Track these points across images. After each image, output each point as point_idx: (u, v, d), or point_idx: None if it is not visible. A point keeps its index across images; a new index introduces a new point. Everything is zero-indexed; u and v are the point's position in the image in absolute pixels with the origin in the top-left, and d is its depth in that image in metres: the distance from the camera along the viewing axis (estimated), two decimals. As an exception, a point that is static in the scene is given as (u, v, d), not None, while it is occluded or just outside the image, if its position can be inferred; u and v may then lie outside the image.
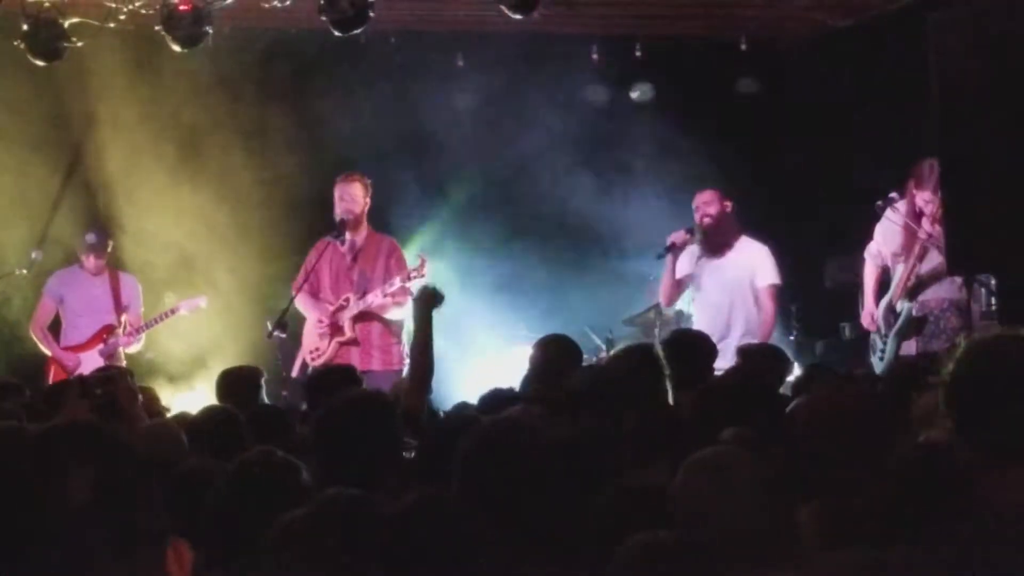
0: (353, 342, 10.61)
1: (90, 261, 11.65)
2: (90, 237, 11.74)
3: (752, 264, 10.97)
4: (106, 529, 2.05)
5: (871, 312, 10.45)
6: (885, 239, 10.41)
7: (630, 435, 5.31)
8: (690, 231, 10.94)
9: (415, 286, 10.16)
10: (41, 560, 2.02)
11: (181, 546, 2.17)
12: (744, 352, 8.22)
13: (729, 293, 10.91)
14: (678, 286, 11.13)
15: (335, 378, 7.74)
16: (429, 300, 7.36)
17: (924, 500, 3.72)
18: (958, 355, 3.76)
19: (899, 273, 10.22)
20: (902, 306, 10.13)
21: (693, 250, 11.03)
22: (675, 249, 10.94)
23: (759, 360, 7.58)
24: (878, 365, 10.17)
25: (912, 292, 10.08)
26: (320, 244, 10.86)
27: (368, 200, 10.76)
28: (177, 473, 4.84)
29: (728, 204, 11.03)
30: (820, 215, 13.22)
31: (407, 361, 9.79)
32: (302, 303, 10.75)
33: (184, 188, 12.39)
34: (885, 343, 10.21)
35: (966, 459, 3.70)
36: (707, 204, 10.99)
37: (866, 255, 10.64)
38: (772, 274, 11.00)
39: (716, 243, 10.97)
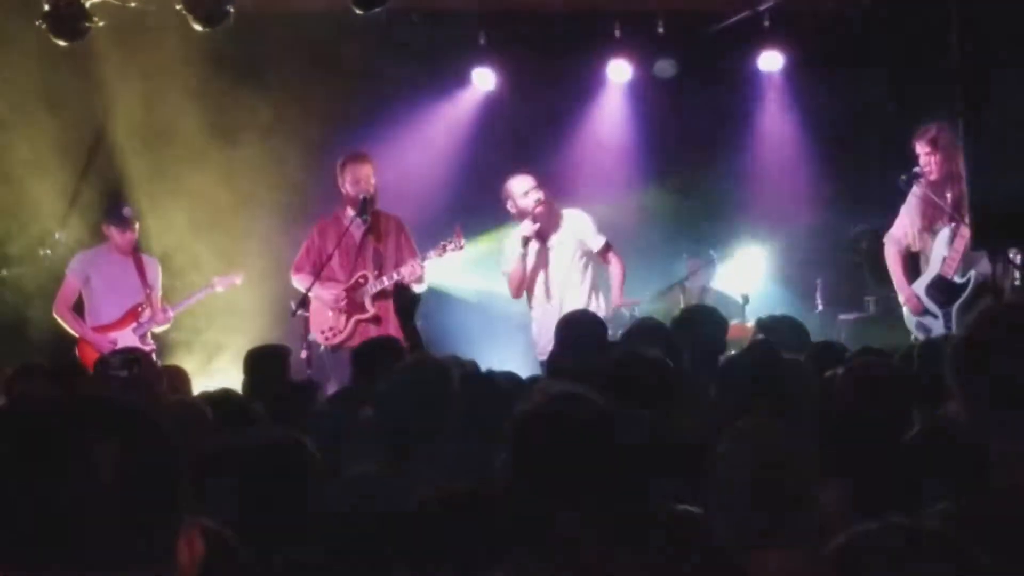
0: (375, 320, 10.61)
1: (124, 236, 11.54)
2: (127, 210, 11.72)
3: (579, 235, 10.76)
4: (125, 507, 2.03)
5: (910, 295, 10.29)
6: (910, 215, 10.34)
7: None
8: (535, 220, 10.59)
9: (449, 258, 10.44)
10: (55, 535, 2.01)
11: (194, 534, 2.15)
12: (763, 325, 8.18)
13: (566, 267, 10.70)
14: (526, 277, 10.79)
15: (382, 351, 7.67)
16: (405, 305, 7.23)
17: (941, 474, 3.68)
18: (968, 324, 3.64)
19: (937, 248, 10.08)
20: (963, 278, 9.94)
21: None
22: (528, 242, 10.65)
23: (779, 333, 7.54)
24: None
25: (966, 265, 9.91)
26: (321, 224, 10.85)
27: (374, 179, 10.74)
28: (199, 451, 4.87)
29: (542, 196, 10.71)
30: (844, 188, 13.15)
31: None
32: (305, 283, 10.68)
33: (207, 169, 12.38)
34: (948, 317, 9.97)
35: (975, 432, 3.61)
36: (535, 190, 10.70)
37: (887, 240, 10.54)
38: (597, 236, 10.77)
39: (548, 230, 10.73)
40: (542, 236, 10.66)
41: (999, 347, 3.31)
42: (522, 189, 10.68)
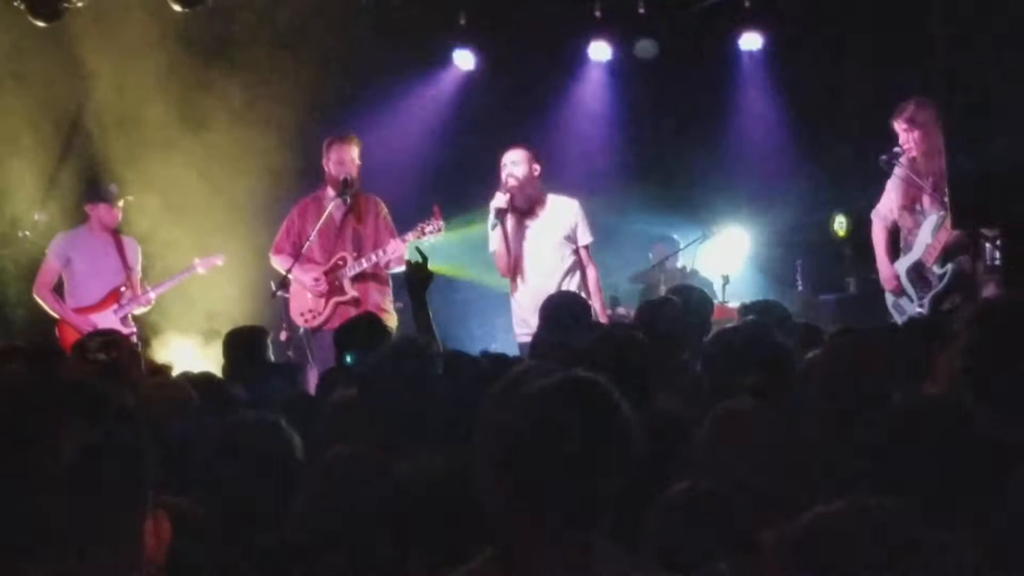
0: (354, 302, 10.58)
1: (111, 213, 11.51)
2: (114, 187, 11.68)
3: (564, 223, 10.48)
4: (88, 489, 2.02)
5: (891, 275, 10.29)
6: (894, 192, 10.34)
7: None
8: (508, 191, 10.36)
9: (430, 240, 10.29)
10: (17, 518, 2.00)
11: (161, 517, 2.14)
12: (745, 307, 8.17)
13: (547, 256, 10.41)
14: (513, 253, 10.51)
15: (363, 330, 7.61)
16: (416, 283, 7.16)
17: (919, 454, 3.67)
18: (971, 320, 3.66)
19: (923, 233, 10.08)
20: (941, 269, 9.94)
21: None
22: (502, 214, 10.40)
23: (763, 315, 7.53)
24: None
25: (946, 256, 9.91)
26: (301, 204, 10.82)
27: (359, 161, 10.73)
28: (180, 433, 4.86)
29: (537, 167, 10.49)
30: (825, 168, 13.16)
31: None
32: (284, 264, 10.67)
33: (185, 151, 12.35)
34: (921, 303, 10.00)
35: (989, 426, 3.61)
36: (514, 164, 10.47)
37: (873, 216, 10.53)
38: (587, 231, 10.51)
39: (522, 207, 10.43)
40: (520, 214, 10.50)
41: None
42: (507, 159, 10.51)
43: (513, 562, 2.97)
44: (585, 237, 10.49)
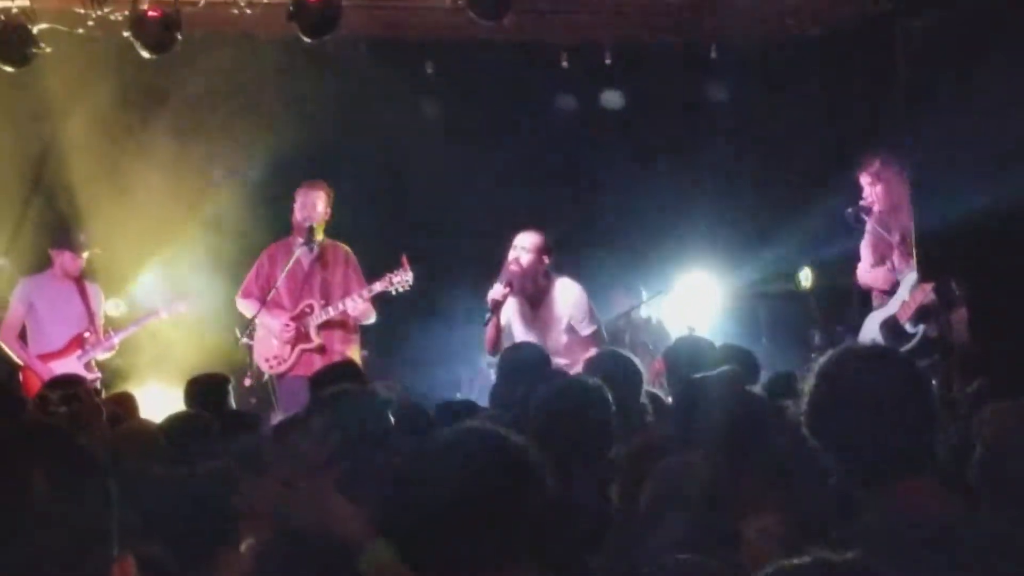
0: (320, 349, 10.57)
1: (76, 262, 11.52)
2: (83, 237, 11.67)
3: (567, 313, 10.30)
4: (55, 534, 2.01)
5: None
6: (864, 251, 10.37)
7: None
8: (508, 284, 10.20)
9: (398, 288, 10.31)
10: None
11: (127, 563, 2.13)
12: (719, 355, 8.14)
13: (553, 344, 10.09)
14: (501, 334, 10.36)
15: (340, 376, 7.56)
16: None
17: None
18: (813, 379, 3.69)
19: (901, 289, 10.07)
20: (913, 328, 9.94)
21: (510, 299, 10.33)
22: (498, 307, 10.24)
23: (733, 363, 7.53)
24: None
25: (919, 317, 9.91)
26: (271, 249, 10.85)
27: (329, 209, 10.73)
28: (150, 478, 4.84)
29: (546, 259, 10.30)
30: (791, 220, 13.19)
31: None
32: (251, 309, 10.67)
33: (150, 195, 12.34)
34: None
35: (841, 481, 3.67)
36: (523, 250, 10.25)
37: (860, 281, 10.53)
38: (589, 321, 10.32)
39: (526, 292, 10.32)
40: (525, 298, 10.30)
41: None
42: (518, 242, 10.29)
43: None
44: (584, 328, 10.28)
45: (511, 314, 10.37)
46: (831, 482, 3.86)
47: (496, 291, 10.21)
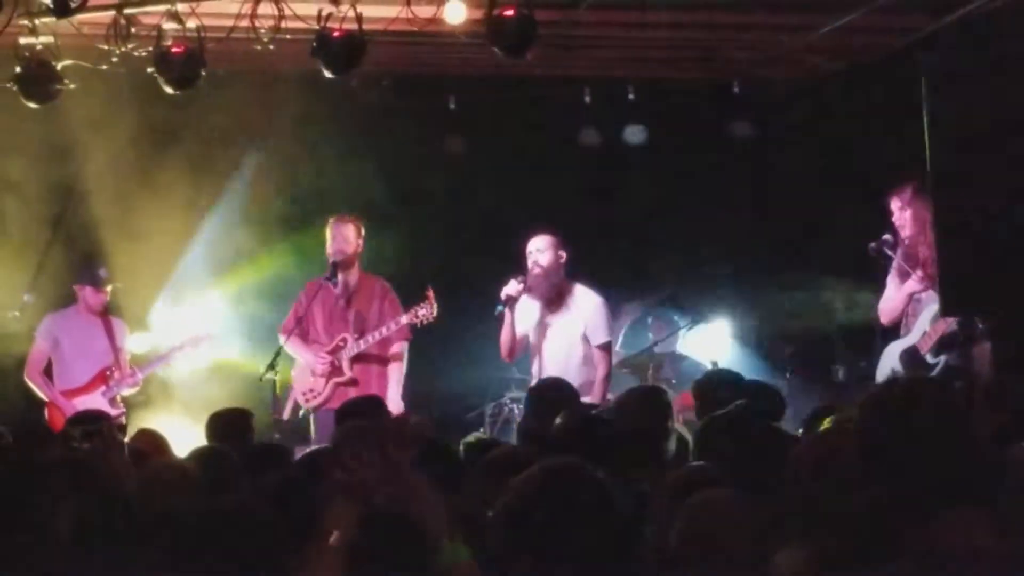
0: (352, 383, 10.64)
1: (97, 297, 11.56)
2: (103, 272, 11.69)
3: (584, 319, 10.34)
4: (83, 565, 2.02)
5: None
6: (890, 287, 10.30)
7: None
8: (523, 281, 10.30)
9: (423, 320, 10.47)
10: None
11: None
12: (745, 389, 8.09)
13: (564, 349, 10.29)
14: (519, 340, 10.45)
15: (365, 410, 7.58)
16: None
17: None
18: (863, 406, 3.71)
19: (922, 319, 10.02)
20: (934, 359, 9.89)
21: (529, 303, 10.41)
22: (512, 302, 10.31)
23: (759, 398, 7.50)
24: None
25: (940, 347, 9.86)
26: (310, 286, 10.91)
27: (361, 242, 10.82)
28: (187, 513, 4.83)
29: (563, 254, 10.42)
30: (813, 256, 13.16)
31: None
32: (293, 345, 10.76)
33: (176, 230, 12.37)
34: None
35: (889, 507, 3.65)
36: (539, 252, 10.41)
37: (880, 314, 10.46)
38: (604, 331, 10.39)
39: (546, 295, 10.41)
40: (544, 303, 10.38)
41: None
42: (532, 246, 10.45)
43: None
44: (598, 337, 10.33)
45: (529, 322, 10.43)
46: (861, 515, 3.83)
47: (511, 287, 10.28)
